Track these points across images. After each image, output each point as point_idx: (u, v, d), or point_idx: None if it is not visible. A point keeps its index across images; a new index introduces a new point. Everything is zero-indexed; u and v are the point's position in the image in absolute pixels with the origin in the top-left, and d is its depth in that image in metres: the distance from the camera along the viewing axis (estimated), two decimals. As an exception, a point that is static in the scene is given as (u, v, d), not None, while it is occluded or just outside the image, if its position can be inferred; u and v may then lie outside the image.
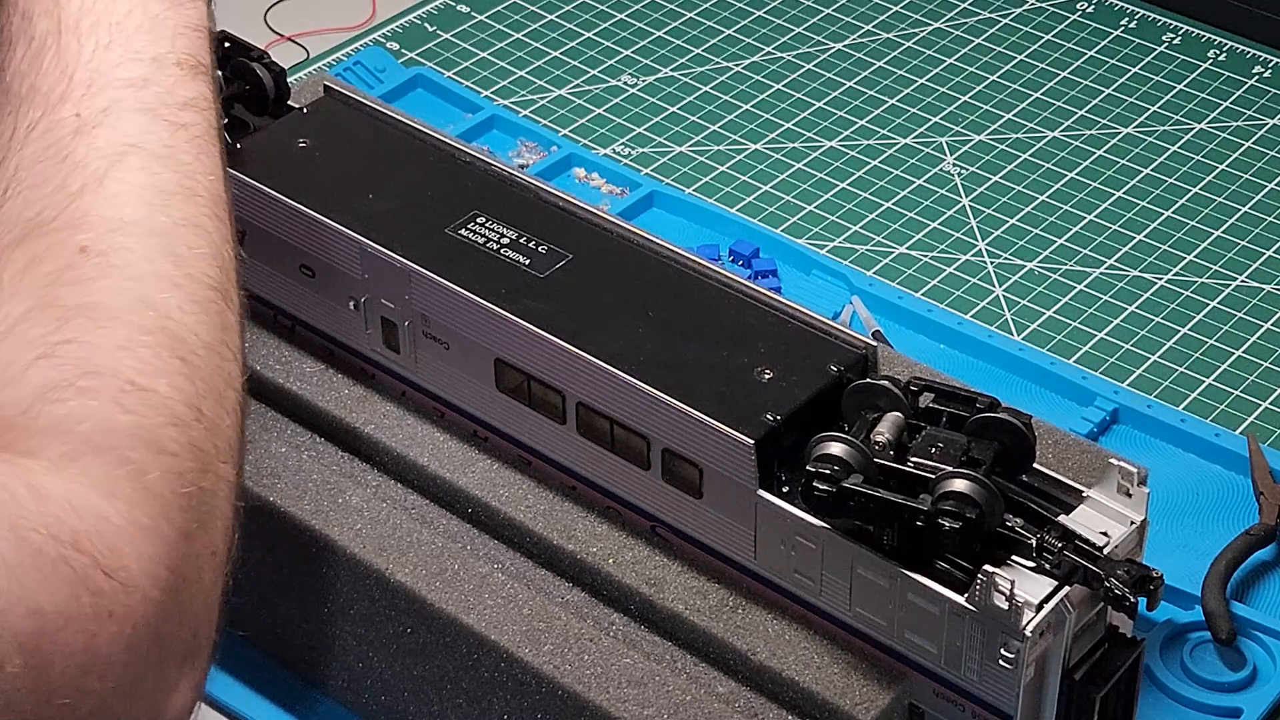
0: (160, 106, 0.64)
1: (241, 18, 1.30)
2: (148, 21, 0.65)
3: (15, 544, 0.51)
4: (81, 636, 0.52)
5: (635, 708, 0.76)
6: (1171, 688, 0.86)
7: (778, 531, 0.77)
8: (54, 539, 0.52)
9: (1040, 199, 1.18)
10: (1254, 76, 1.29)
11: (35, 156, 0.61)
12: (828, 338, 0.81)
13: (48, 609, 0.51)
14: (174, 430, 0.57)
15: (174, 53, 0.65)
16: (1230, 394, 1.04)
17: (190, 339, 0.59)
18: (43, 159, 0.61)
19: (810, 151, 1.23)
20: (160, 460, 0.56)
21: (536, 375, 0.82)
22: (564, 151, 1.18)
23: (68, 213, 0.60)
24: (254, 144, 0.92)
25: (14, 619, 0.50)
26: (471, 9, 1.37)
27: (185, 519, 0.56)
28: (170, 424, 0.57)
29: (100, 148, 0.61)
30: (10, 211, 0.60)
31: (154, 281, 0.59)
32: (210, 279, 0.61)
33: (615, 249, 0.86)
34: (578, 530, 0.82)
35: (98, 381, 0.56)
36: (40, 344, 0.56)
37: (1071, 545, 0.72)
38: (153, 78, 0.64)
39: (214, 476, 0.58)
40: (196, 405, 0.58)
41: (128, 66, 0.64)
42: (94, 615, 0.52)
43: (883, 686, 0.76)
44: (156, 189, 0.62)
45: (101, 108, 0.62)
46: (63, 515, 0.52)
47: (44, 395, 0.55)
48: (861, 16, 1.36)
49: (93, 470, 0.54)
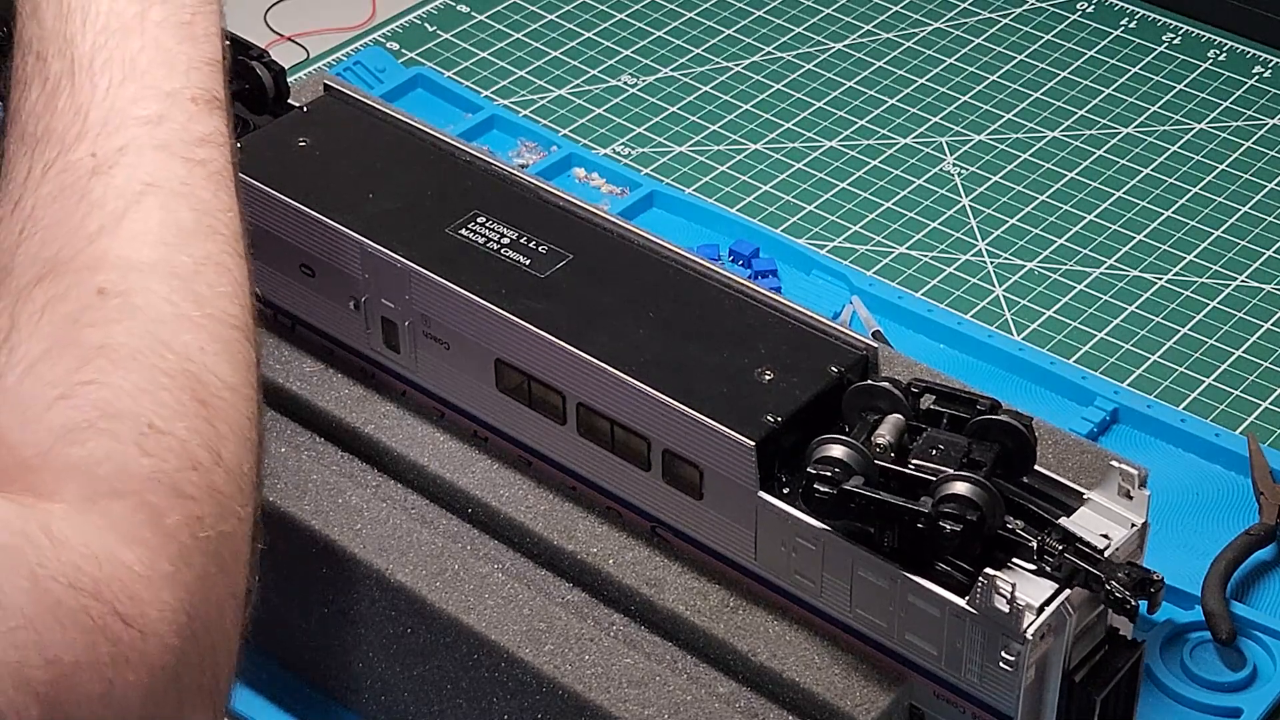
0: (176, 143, 0.63)
1: (241, 18, 1.30)
2: (161, 56, 0.65)
3: (34, 594, 0.50)
4: (99, 684, 0.51)
5: (636, 707, 0.76)
6: (1171, 688, 0.86)
7: (778, 533, 0.77)
8: (73, 589, 0.51)
9: (1040, 199, 1.18)
10: (1254, 76, 1.29)
11: (52, 196, 0.61)
12: (828, 339, 0.81)
13: (66, 659, 0.50)
14: (194, 475, 0.56)
15: (189, 88, 0.65)
16: (1230, 394, 1.04)
17: (212, 381, 0.59)
18: (60, 199, 0.60)
19: (810, 151, 1.23)
20: (180, 505, 0.55)
21: (537, 375, 0.82)
22: (564, 151, 1.18)
23: (87, 253, 0.59)
24: (254, 143, 0.92)
25: (31, 669, 0.49)
26: (471, 9, 1.37)
27: (205, 564, 0.56)
28: (190, 468, 0.56)
29: (118, 187, 0.61)
30: (28, 251, 0.59)
31: (175, 322, 0.59)
32: (233, 318, 0.61)
33: (616, 249, 0.86)
34: (578, 531, 0.82)
35: (118, 424, 0.55)
36: (60, 384, 0.56)
37: (1072, 548, 0.72)
38: (168, 114, 0.64)
39: (234, 520, 0.58)
40: (216, 449, 0.57)
41: (143, 103, 0.63)
42: (112, 663, 0.52)
43: (883, 688, 0.76)
44: (176, 228, 0.61)
45: (118, 147, 0.62)
46: (82, 564, 0.52)
47: (63, 437, 0.55)
48: (861, 16, 1.36)
49: (112, 514, 0.54)
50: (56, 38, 0.64)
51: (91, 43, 0.64)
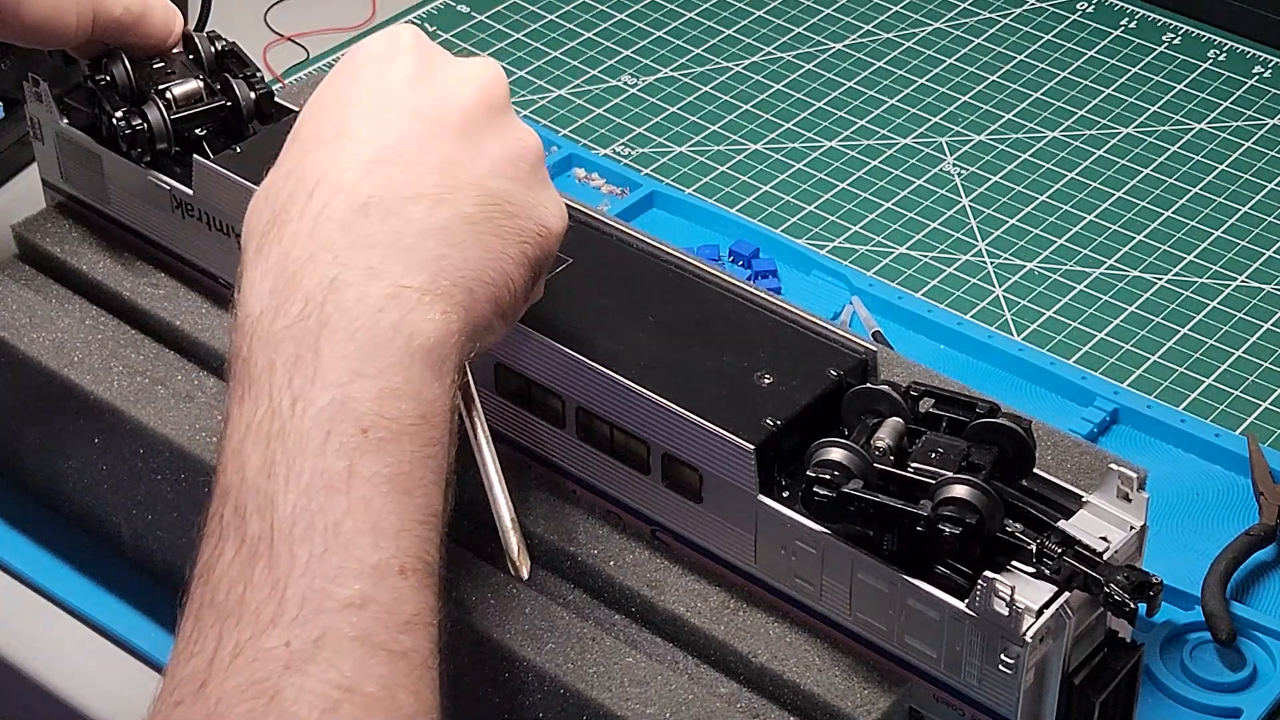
0: (379, 631, 0.59)
1: (241, 18, 1.30)
2: (369, 522, 0.60)
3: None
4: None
5: (638, 706, 0.76)
6: (1171, 688, 0.86)
7: (778, 536, 0.77)
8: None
9: (1040, 199, 1.19)
10: (1254, 76, 1.29)
11: (240, 692, 0.56)
12: (828, 342, 0.81)
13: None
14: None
15: (398, 557, 0.60)
16: (1230, 394, 1.04)
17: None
18: (248, 696, 0.56)
19: (810, 151, 1.23)
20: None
21: (536, 380, 0.82)
22: (564, 151, 1.18)
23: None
24: (253, 145, 0.92)
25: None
26: (471, 9, 1.37)
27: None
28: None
29: (312, 689, 0.57)
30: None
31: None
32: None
33: (615, 253, 0.86)
34: (578, 534, 0.82)
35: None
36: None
37: (1071, 551, 0.72)
38: (372, 595, 0.59)
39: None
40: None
41: (344, 581, 0.59)
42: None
43: (883, 690, 0.76)
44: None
45: (314, 637, 0.57)
46: None
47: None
48: (861, 16, 1.36)
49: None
50: (257, 494, 0.60)
51: (294, 505, 0.60)
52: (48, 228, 0.98)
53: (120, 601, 0.91)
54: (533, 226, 0.73)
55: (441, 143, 0.71)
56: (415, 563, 0.61)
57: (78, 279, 0.95)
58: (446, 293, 0.68)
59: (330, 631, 0.58)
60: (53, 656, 0.89)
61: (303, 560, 0.59)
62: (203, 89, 0.92)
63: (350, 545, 0.60)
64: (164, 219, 0.94)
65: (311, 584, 0.58)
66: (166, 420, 0.86)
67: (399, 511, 0.61)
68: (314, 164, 0.70)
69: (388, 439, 0.62)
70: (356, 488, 0.61)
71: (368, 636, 0.58)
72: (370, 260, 0.66)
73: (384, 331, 0.65)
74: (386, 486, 0.61)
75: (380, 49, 0.74)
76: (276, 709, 0.56)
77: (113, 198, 0.96)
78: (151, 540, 0.89)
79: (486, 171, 0.72)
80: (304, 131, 0.73)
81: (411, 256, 0.67)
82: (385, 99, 0.72)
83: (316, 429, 0.62)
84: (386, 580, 0.60)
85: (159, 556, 0.89)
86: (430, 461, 0.64)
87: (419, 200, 0.69)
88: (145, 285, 0.94)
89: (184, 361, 0.90)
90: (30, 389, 0.91)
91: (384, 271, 0.66)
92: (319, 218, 0.68)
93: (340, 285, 0.65)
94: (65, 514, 0.94)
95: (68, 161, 0.97)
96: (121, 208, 0.96)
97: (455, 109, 0.73)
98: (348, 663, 0.57)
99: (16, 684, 0.90)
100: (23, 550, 0.93)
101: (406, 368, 0.65)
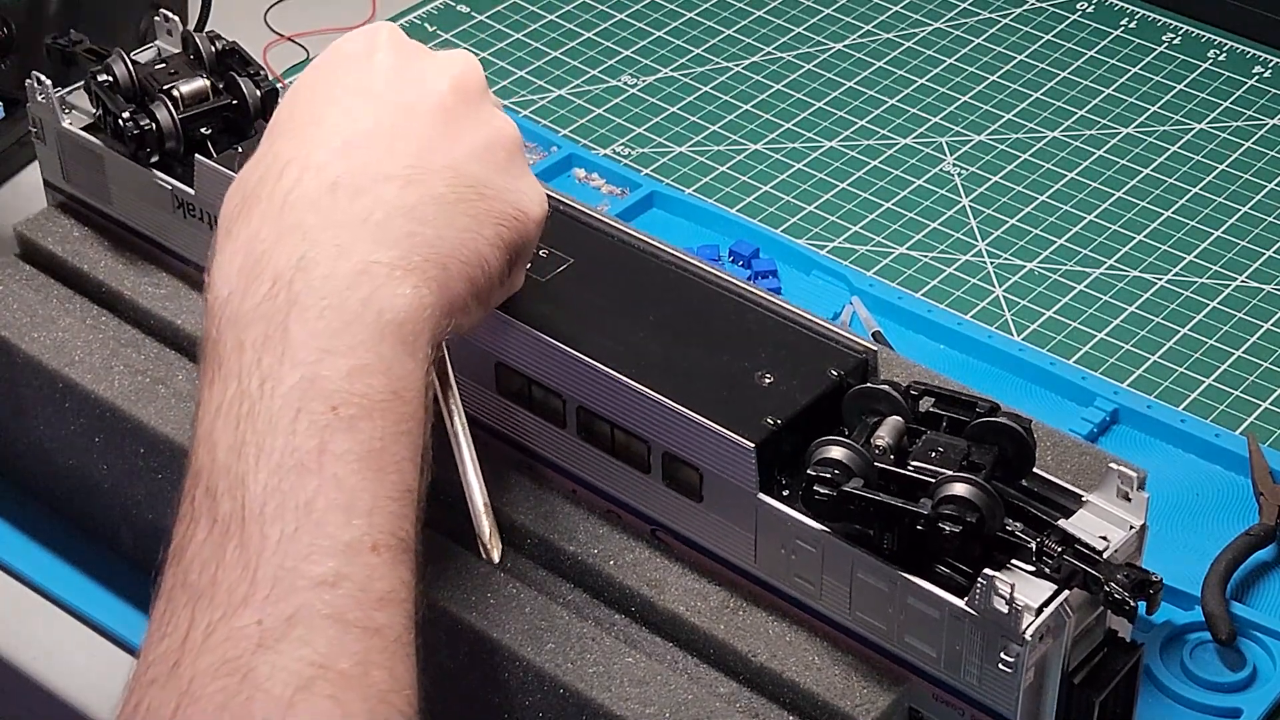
0: (352, 609, 0.58)
1: (242, 18, 1.31)
2: (341, 499, 0.60)
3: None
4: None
5: (637, 706, 0.76)
6: (1171, 688, 0.86)
7: (778, 535, 0.77)
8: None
9: (1040, 199, 1.19)
10: (1254, 76, 1.29)
11: (213, 671, 0.56)
12: (828, 341, 0.81)
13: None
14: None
15: (370, 534, 0.60)
16: (1230, 394, 1.04)
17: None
18: (220, 675, 0.56)
19: (810, 151, 1.23)
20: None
21: (537, 379, 0.82)
22: (564, 151, 1.18)
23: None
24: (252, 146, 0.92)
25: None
26: (471, 9, 1.37)
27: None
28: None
29: (285, 667, 0.56)
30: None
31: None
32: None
33: (616, 253, 0.86)
34: (578, 533, 0.82)
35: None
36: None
37: (1071, 549, 0.72)
38: (345, 572, 0.59)
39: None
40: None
41: (317, 559, 0.58)
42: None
43: (883, 689, 0.76)
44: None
45: (286, 615, 0.57)
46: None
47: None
48: (861, 16, 1.36)
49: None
50: (228, 474, 0.60)
51: (264, 485, 0.59)
52: (49, 227, 0.98)
53: (120, 601, 0.91)
54: (509, 210, 0.72)
55: (416, 129, 0.71)
56: (389, 539, 0.60)
57: (79, 279, 0.95)
58: (418, 268, 0.67)
59: (303, 609, 0.57)
60: (53, 656, 0.90)
61: (274, 539, 0.58)
62: (208, 88, 0.92)
63: (322, 523, 0.59)
64: (166, 219, 0.94)
65: (283, 563, 0.58)
66: (167, 420, 0.86)
67: (371, 489, 0.61)
68: (285, 149, 0.70)
69: (359, 416, 0.62)
70: (327, 465, 0.60)
71: (340, 614, 0.58)
72: (339, 238, 0.66)
73: (353, 308, 0.64)
74: (358, 464, 0.61)
75: (358, 46, 0.74)
76: (249, 686, 0.56)
77: (114, 198, 0.96)
78: (152, 540, 0.89)
79: (462, 156, 0.71)
80: (279, 123, 0.73)
81: (381, 233, 0.67)
82: (361, 91, 0.72)
83: (286, 408, 0.61)
84: (359, 558, 0.59)
85: (160, 557, 0.89)
86: (404, 438, 0.63)
87: (390, 180, 0.69)
88: (146, 285, 0.94)
89: (185, 361, 0.90)
90: (31, 389, 0.91)
91: (353, 249, 0.66)
92: (288, 198, 0.67)
93: (309, 263, 0.65)
94: (65, 514, 0.94)
95: (70, 161, 0.97)
96: (123, 207, 0.96)
97: (430, 97, 0.72)
98: (320, 640, 0.57)
99: (16, 684, 0.90)
100: (23, 550, 0.93)
101: (377, 344, 0.64)
